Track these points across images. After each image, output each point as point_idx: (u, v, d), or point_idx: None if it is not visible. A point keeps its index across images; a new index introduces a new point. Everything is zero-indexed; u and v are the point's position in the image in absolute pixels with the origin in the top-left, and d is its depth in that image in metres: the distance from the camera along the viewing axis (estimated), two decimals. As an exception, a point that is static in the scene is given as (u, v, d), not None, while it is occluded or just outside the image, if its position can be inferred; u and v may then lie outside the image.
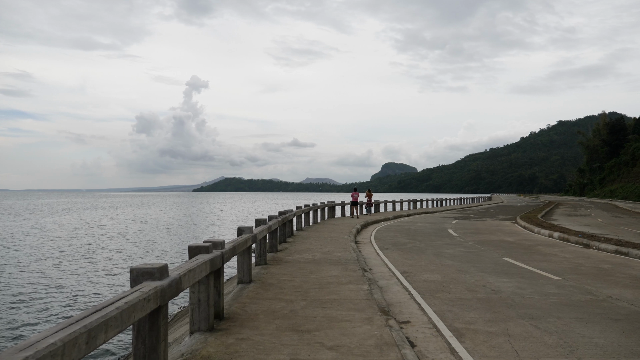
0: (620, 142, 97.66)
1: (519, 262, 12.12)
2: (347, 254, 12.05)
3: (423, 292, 8.42)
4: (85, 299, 13.61)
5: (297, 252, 12.37)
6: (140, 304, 3.19)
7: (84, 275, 17.14)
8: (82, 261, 20.36)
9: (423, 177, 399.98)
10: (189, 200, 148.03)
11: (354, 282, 8.33)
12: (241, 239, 6.99)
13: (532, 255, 13.58)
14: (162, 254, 22.93)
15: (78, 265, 19.27)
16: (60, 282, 16.03)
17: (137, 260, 20.73)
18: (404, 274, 10.30)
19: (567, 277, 10.12)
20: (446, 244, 16.03)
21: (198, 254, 5.17)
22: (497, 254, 13.81)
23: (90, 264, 19.58)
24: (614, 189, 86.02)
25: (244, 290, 7.47)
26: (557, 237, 18.10)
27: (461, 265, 11.53)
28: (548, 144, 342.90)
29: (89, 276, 17.03)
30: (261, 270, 9.38)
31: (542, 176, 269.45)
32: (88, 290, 14.82)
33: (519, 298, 8.04)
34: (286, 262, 10.60)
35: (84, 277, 16.89)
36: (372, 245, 15.81)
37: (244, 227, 7.78)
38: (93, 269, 18.55)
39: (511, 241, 17.25)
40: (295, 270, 9.44)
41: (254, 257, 10.21)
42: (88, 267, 18.85)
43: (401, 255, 13.18)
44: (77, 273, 17.61)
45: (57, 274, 17.50)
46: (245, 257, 7.92)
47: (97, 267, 19.03)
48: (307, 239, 15.51)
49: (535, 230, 20.94)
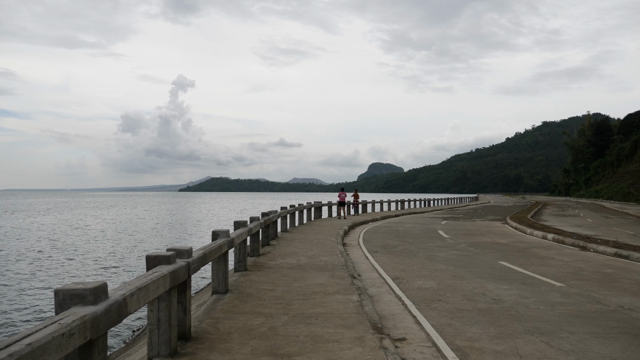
0: (606, 143, 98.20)
1: (516, 267, 11.42)
2: (335, 258, 11.25)
3: (418, 302, 7.65)
4: (20, 315, 11.98)
5: (281, 256, 11.54)
6: (55, 342, 2.34)
7: (36, 281, 16.04)
8: (40, 265, 19.27)
9: (409, 177, 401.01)
10: (175, 200, 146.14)
11: (342, 292, 7.52)
12: (214, 245, 6.15)
13: (528, 258, 12.91)
14: (132, 261, 21.92)
15: (34, 269, 18.20)
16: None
17: (100, 269, 19.63)
18: (395, 280, 9.52)
19: (570, 283, 9.43)
20: (438, 247, 15.31)
21: (157, 264, 4.33)
22: (492, 257, 13.11)
23: (47, 271, 18.36)
24: (600, 189, 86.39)
25: (218, 302, 6.62)
26: (551, 239, 17.49)
27: (456, 270, 10.79)
28: (533, 144, 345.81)
29: (41, 282, 15.99)
30: (240, 277, 8.53)
31: (527, 176, 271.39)
32: (28, 302, 13.19)
33: (523, 308, 7.31)
34: (268, 267, 9.76)
35: (36, 282, 15.80)
36: (361, 247, 15.03)
37: (220, 230, 6.93)
38: (50, 274, 17.49)
39: (504, 243, 16.59)
40: (278, 278, 8.60)
41: (233, 262, 9.37)
42: (45, 273, 17.79)
43: (391, 259, 12.41)
44: (28, 279, 16.44)
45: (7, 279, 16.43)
46: (220, 264, 7.07)
47: (56, 273, 17.99)
48: (292, 242, 14.68)
49: (527, 232, 20.34)
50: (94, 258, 21.22)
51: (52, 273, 17.42)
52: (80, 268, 18.63)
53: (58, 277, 16.63)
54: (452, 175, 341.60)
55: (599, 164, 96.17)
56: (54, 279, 16.39)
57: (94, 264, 19.67)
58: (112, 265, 19.38)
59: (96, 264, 19.54)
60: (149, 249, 24.75)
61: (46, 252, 22.77)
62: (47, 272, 17.54)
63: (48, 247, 24.73)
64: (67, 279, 16.45)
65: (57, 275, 16.96)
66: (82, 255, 22.14)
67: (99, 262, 20.16)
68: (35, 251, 23.21)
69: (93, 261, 20.35)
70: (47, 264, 19.47)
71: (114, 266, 19.27)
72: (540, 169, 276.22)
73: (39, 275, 16.93)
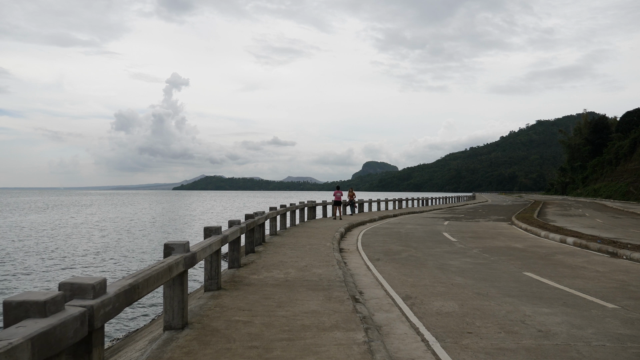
0: (604, 141, 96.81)
1: (546, 279, 9.57)
2: (331, 270, 9.34)
3: (442, 337, 5.76)
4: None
5: (266, 267, 9.62)
6: None
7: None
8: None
9: (404, 176, 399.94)
10: (168, 199, 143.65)
11: (342, 326, 5.60)
12: (158, 268, 4.21)
13: (556, 268, 11.07)
14: (111, 265, 19.91)
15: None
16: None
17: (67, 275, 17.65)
18: (407, 300, 7.63)
19: (622, 303, 7.58)
20: (447, 253, 13.44)
21: (21, 317, 2.42)
22: (513, 266, 11.26)
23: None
24: (598, 188, 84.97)
25: (167, 346, 4.68)
26: (572, 243, 15.66)
27: (477, 285, 8.92)
28: (527, 143, 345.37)
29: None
30: (209, 301, 6.60)
31: (521, 175, 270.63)
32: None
33: (585, 347, 5.44)
34: (248, 284, 7.83)
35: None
36: (360, 254, 13.13)
37: (174, 243, 5.02)
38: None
39: (521, 248, 14.76)
40: (258, 301, 6.67)
41: (205, 278, 7.44)
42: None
43: (397, 270, 10.53)
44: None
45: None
46: (175, 289, 5.15)
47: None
48: (281, 248, 12.76)
49: (542, 234, 18.51)
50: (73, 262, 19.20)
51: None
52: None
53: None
54: (447, 173, 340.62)
55: (596, 162, 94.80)
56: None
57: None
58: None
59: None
60: (129, 250, 22.72)
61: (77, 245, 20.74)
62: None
63: (69, 242, 22.68)
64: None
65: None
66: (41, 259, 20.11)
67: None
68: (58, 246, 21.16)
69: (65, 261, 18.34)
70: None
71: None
72: (534, 168, 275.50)
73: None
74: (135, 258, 20.89)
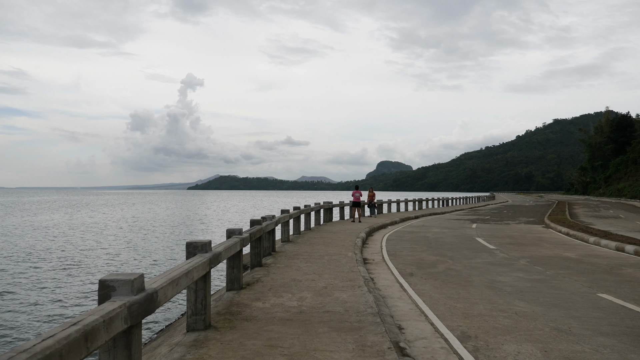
0: (627, 139, 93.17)
1: (633, 305, 7.43)
2: (358, 295, 7.29)
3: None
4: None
5: (275, 289, 7.60)
6: None
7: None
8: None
9: (418, 176, 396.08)
10: (183, 198, 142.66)
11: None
12: (89, 321, 2.23)
13: (634, 287, 8.90)
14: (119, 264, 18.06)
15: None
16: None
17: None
18: (466, 342, 5.56)
19: None
20: (491, 265, 11.31)
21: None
22: (579, 284, 9.11)
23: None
24: (622, 188, 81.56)
25: None
26: (633, 252, 13.41)
27: (549, 315, 6.81)
28: (544, 142, 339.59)
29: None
30: (188, 352, 4.59)
31: (538, 175, 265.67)
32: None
33: None
34: (249, 319, 5.80)
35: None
36: (388, 266, 11.06)
37: (114, 279, 3.03)
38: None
39: (575, 258, 12.56)
40: (259, 353, 4.64)
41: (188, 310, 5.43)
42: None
43: (438, 290, 8.44)
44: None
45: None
46: (118, 352, 3.15)
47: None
48: (294, 259, 10.72)
49: (590, 241, 16.24)
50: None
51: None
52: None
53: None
54: (462, 173, 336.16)
55: (620, 161, 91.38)
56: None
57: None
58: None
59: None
60: (134, 255, 20.88)
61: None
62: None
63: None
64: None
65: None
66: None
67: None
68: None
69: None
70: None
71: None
72: (551, 167, 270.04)
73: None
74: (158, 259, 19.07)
